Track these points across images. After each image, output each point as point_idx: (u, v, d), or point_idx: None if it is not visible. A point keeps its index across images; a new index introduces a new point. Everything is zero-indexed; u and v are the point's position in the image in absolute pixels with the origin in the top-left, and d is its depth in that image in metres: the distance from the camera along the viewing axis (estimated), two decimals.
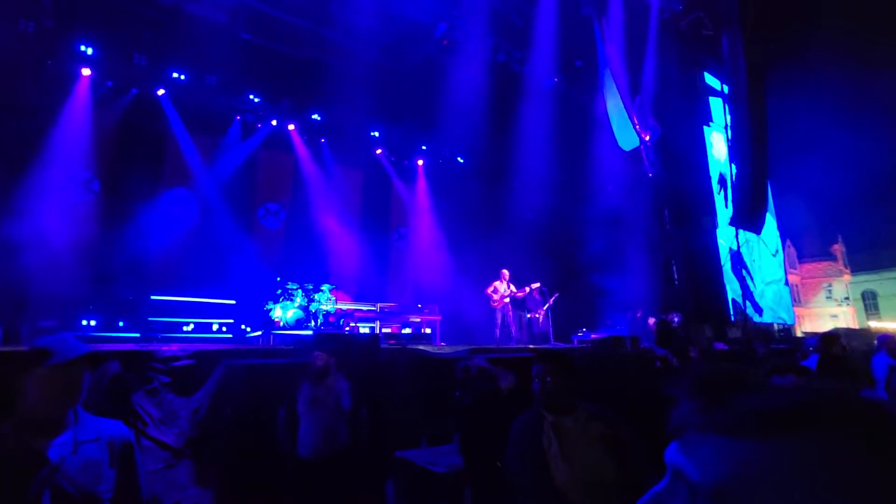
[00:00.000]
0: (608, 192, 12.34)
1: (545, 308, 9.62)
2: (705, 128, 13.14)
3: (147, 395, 4.00)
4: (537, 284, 9.48)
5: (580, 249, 11.82)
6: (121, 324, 7.66)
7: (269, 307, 8.28)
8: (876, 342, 4.81)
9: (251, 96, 10.91)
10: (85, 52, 8.87)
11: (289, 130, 11.56)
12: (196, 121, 10.19)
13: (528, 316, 9.77)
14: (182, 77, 9.88)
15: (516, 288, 9.12)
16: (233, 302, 9.02)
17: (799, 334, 16.24)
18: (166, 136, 10.06)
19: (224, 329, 8.44)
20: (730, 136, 12.81)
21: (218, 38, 9.46)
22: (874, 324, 27.44)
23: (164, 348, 4.40)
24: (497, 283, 9.05)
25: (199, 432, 3.90)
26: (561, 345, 8.39)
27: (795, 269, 29.54)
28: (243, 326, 9.06)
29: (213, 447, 3.89)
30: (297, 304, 8.31)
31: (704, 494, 0.41)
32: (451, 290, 11.95)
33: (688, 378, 0.49)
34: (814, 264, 31.47)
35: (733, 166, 12.53)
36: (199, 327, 8.36)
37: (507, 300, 8.92)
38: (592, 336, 9.03)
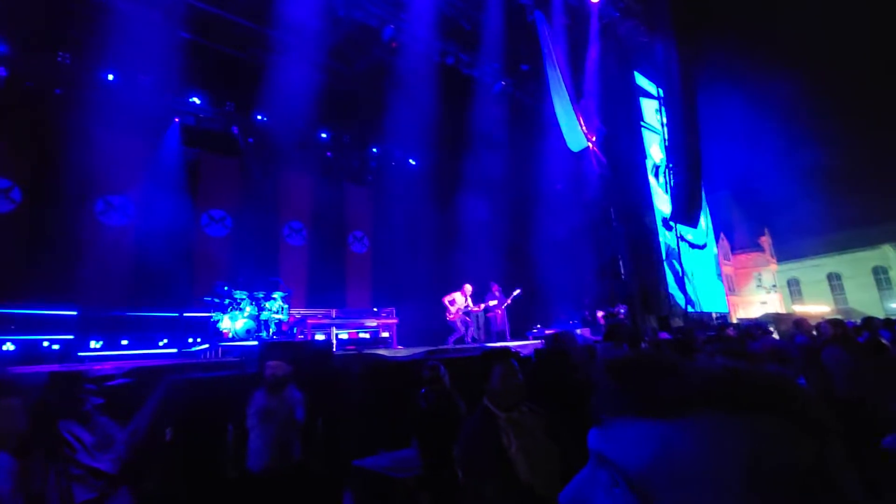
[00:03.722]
0: (558, 191, 12.69)
1: (504, 306, 9.75)
2: (643, 129, 13.80)
3: (77, 420, 3.65)
4: (494, 302, 9.61)
5: (533, 248, 12.08)
6: (45, 343, 7.00)
7: (216, 318, 7.87)
8: (792, 326, 5.21)
9: (191, 98, 10.36)
10: None
11: (233, 133, 11.07)
12: (129, 123, 9.53)
13: (487, 314, 9.88)
14: (111, 77, 9.22)
15: (474, 303, 9.22)
16: (175, 315, 8.50)
17: (734, 321, 17.34)
18: (95, 140, 9.35)
19: (165, 342, 7.93)
20: (666, 138, 13.53)
21: (152, 37, 8.90)
22: (798, 308, 29.86)
23: (97, 367, 4.06)
24: (457, 295, 9.09)
25: (137, 456, 3.61)
26: (516, 342, 8.50)
27: (729, 260, 31.60)
28: (190, 340, 8.56)
29: (154, 471, 3.61)
30: (246, 314, 7.95)
31: (627, 479, 0.40)
32: (408, 293, 11.87)
33: (602, 365, 0.47)
34: (745, 255, 33.82)
35: (670, 166, 13.25)
36: (140, 342, 7.82)
37: (462, 314, 9.00)
38: (546, 332, 9.22)
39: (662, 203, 13.64)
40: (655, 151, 14.31)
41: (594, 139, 11.90)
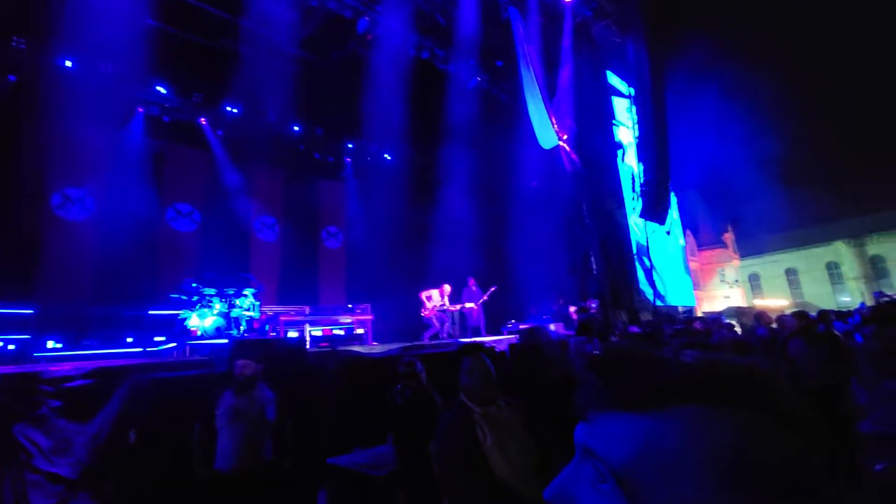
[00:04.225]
0: (532, 187, 12.82)
1: (480, 302, 9.80)
2: (614, 127, 14.07)
3: (32, 424, 3.47)
4: (471, 304, 9.62)
5: (508, 244, 12.18)
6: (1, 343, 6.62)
7: (184, 316, 7.62)
8: (753, 319, 5.43)
9: (157, 87, 9.94)
10: None
11: (201, 124, 10.69)
12: (90, 112, 9.06)
13: (463, 310, 9.92)
14: (70, 64, 8.75)
15: (451, 303, 9.22)
16: (140, 313, 8.19)
17: (699, 314, 17.98)
18: (53, 130, 8.87)
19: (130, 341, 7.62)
20: (637, 136, 13.83)
21: (115, 22, 8.47)
22: (759, 302, 31.20)
23: (54, 368, 3.86)
24: (434, 293, 9.07)
25: (98, 460, 3.46)
26: (491, 337, 8.57)
27: (695, 256, 32.68)
28: (157, 339, 8.26)
29: (117, 475, 3.47)
30: (216, 311, 7.73)
31: (614, 473, 0.39)
32: (384, 289, 11.79)
33: (587, 359, 0.46)
34: (709, 251, 35.07)
35: (640, 164, 13.55)
36: (102, 342, 7.48)
37: (438, 312, 8.99)
38: (521, 326, 9.32)
39: (633, 199, 13.96)
40: (628, 150, 14.62)
41: (566, 137, 12.06)
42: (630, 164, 14.10)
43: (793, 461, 0.35)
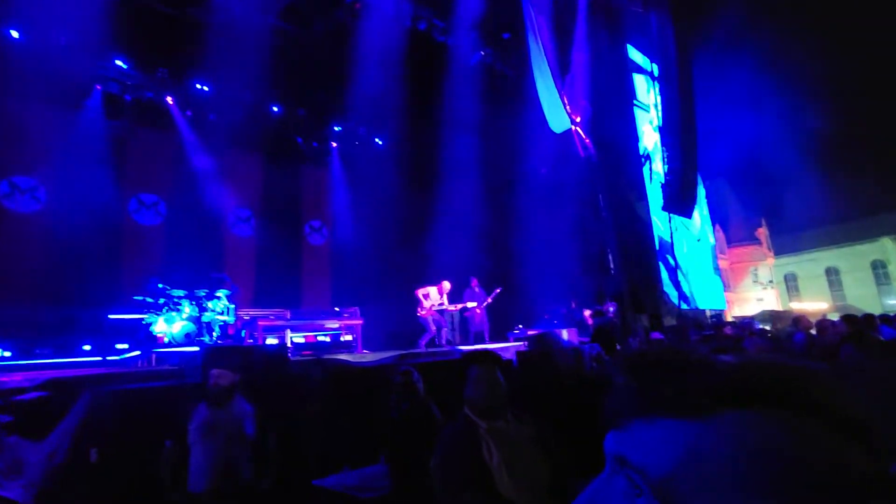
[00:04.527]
0: (542, 176, 12.82)
1: (484, 305, 9.82)
2: (635, 109, 14.07)
3: None
4: (473, 304, 9.67)
5: (515, 239, 12.19)
6: None
7: (149, 321, 7.63)
8: (790, 324, 5.47)
9: (116, 61, 9.90)
10: None
11: (167, 104, 10.67)
12: (40, 90, 9.03)
13: (465, 314, 9.94)
14: (16, 34, 8.71)
15: (450, 302, 9.25)
16: (100, 317, 8.19)
17: (730, 319, 18.04)
18: None
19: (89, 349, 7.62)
20: (660, 119, 13.83)
21: None
22: (795, 305, 31.33)
23: (3, 379, 3.86)
24: (432, 290, 9.07)
25: (55, 482, 3.47)
26: (496, 344, 8.59)
27: (725, 254, 32.77)
28: (119, 346, 8.27)
29: (76, 498, 3.48)
30: (185, 316, 7.74)
31: (651, 484, 0.40)
32: (375, 291, 11.81)
33: (620, 361, 0.47)
34: (741, 248, 35.11)
35: (664, 149, 13.57)
36: (57, 350, 7.47)
37: (436, 311, 9.02)
38: (529, 332, 9.36)
39: (655, 191, 13.99)
40: (649, 134, 14.64)
41: (579, 119, 12.06)
42: (652, 150, 14.12)
43: (850, 469, 0.36)
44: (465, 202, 12.62)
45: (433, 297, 9.04)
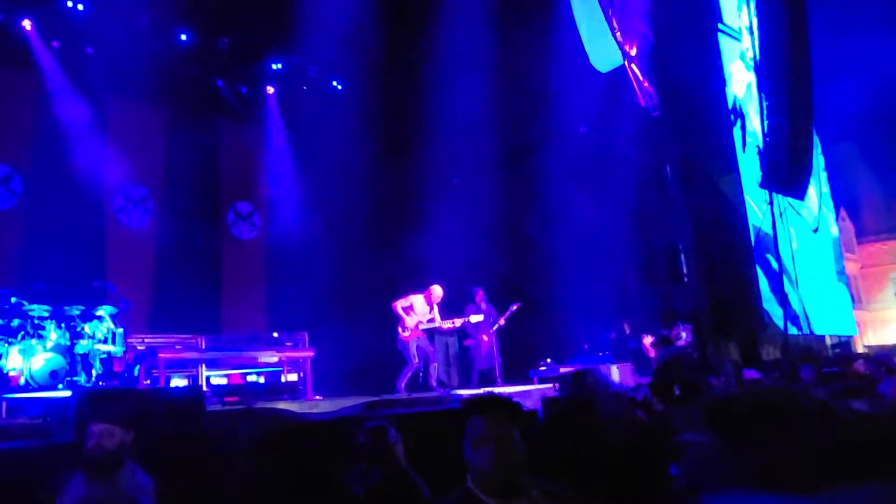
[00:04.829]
0: (579, 137, 12.85)
1: (494, 329, 9.85)
2: (720, 36, 14.10)
3: None
4: (478, 317, 9.63)
5: (539, 231, 12.22)
6: None
7: None
8: None
9: None
10: None
11: (23, 30, 10.68)
12: None
13: (465, 342, 9.98)
14: None
15: (444, 317, 9.20)
16: None
17: (860, 349, 18.08)
18: None
19: None
20: (757, 52, 13.87)
21: None
22: None
23: None
24: (416, 300, 9.04)
25: None
26: (512, 386, 8.67)
27: (853, 252, 32.75)
28: None
29: None
30: (51, 345, 7.76)
31: None
32: (332, 307, 11.83)
33: (699, 411, 0.53)
34: (878, 244, 34.98)
35: (763, 97, 13.61)
36: None
37: (422, 333, 8.97)
38: (562, 370, 9.44)
39: (750, 160, 14.05)
40: (740, 74, 14.70)
41: (635, 52, 12.11)
42: (745, 98, 14.16)
43: None
44: (467, 177, 12.64)
45: (419, 309, 8.97)
